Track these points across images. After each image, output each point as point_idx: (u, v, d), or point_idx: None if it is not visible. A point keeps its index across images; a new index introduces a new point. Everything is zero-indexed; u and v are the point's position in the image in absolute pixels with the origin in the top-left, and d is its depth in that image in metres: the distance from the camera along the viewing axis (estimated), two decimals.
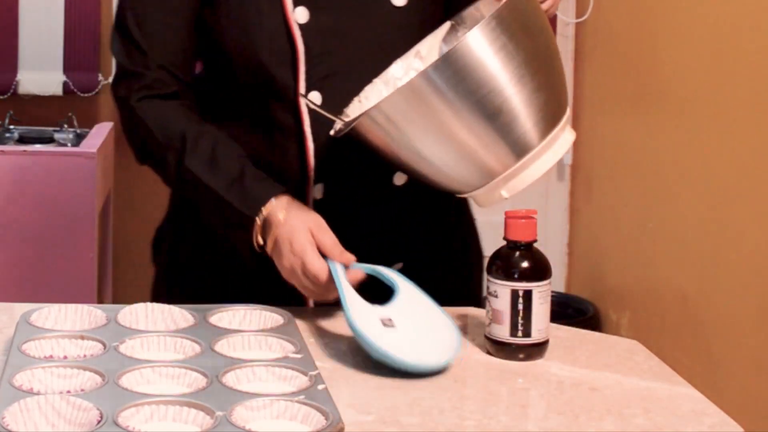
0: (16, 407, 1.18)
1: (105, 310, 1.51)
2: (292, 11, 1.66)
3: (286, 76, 1.67)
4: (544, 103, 1.47)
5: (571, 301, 3.55)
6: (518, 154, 1.48)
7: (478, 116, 1.44)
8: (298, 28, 1.66)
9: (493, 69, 1.43)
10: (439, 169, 1.50)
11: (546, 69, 1.50)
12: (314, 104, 1.61)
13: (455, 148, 1.47)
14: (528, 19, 1.49)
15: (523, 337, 1.49)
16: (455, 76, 1.42)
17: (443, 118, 1.44)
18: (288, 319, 1.52)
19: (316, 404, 1.22)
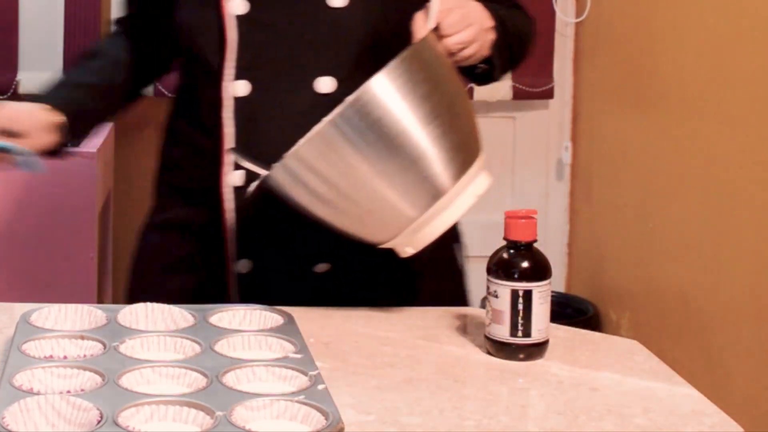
0: (16, 407, 1.18)
1: (105, 310, 1.51)
2: (230, 1, 1.70)
3: (216, 63, 1.72)
4: (453, 147, 1.48)
5: (570, 301, 3.55)
6: (430, 201, 1.48)
7: (387, 162, 1.44)
8: (235, 18, 1.70)
9: (399, 114, 1.43)
10: (352, 220, 1.50)
11: (453, 113, 1.50)
12: (246, 160, 1.64)
13: (366, 195, 1.46)
14: (432, 64, 1.50)
15: (523, 337, 1.49)
16: (361, 122, 1.43)
17: (350, 166, 1.44)
18: (288, 319, 1.52)
19: (316, 404, 1.22)
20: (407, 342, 1.56)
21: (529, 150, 3.78)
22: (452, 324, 1.64)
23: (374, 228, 1.51)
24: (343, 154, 1.43)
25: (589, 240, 3.65)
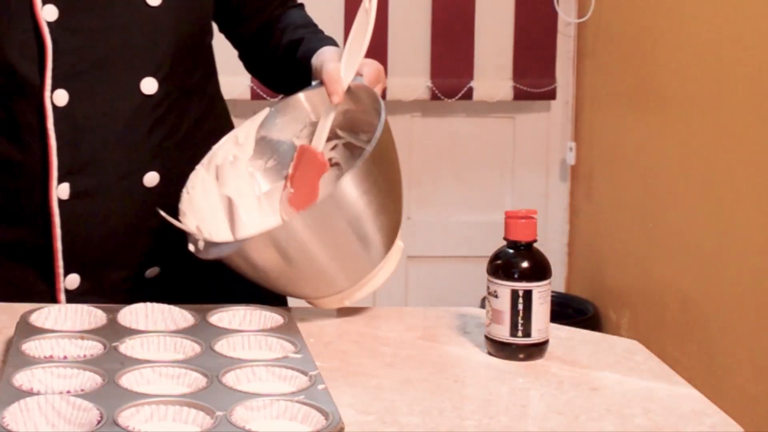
0: (15, 407, 1.18)
1: (105, 310, 1.51)
2: (41, 9, 1.64)
3: (31, 74, 1.65)
4: (392, 230, 1.58)
5: (571, 301, 3.55)
6: (365, 275, 1.58)
7: (337, 251, 1.53)
8: (47, 25, 1.65)
9: (356, 214, 1.51)
10: (292, 285, 1.58)
11: (396, 194, 1.60)
12: (171, 219, 1.60)
13: (312, 273, 1.54)
14: (388, 156, 1.58)
15: (523, 337, 1.49)
16: (323, 222, 1.50)
17: (305, 253, 1.51)
18: (288, 319, 1.52)
19: (316, 404, 1.22)
20: (407, 342, 1.56)
21: (530, 150, 3.78)
22: (452, 324, 1.64)
23: (309, 292, 1.60)
24: (300, 243, 1.50)
25: (590, 240, 3.65)
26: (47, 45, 1.64)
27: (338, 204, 1.50)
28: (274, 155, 1.73)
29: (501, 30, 3.67)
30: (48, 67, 1.64)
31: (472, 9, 3.64)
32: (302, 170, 1.69)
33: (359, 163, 1.49)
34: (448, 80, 3.63)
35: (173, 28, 1.72)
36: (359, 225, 1.52)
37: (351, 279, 1.58)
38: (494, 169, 3.78)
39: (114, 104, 1.69)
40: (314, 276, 1.55)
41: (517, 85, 3.65)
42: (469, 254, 3.69)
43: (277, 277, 1.55)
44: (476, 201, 3.76)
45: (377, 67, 1.68)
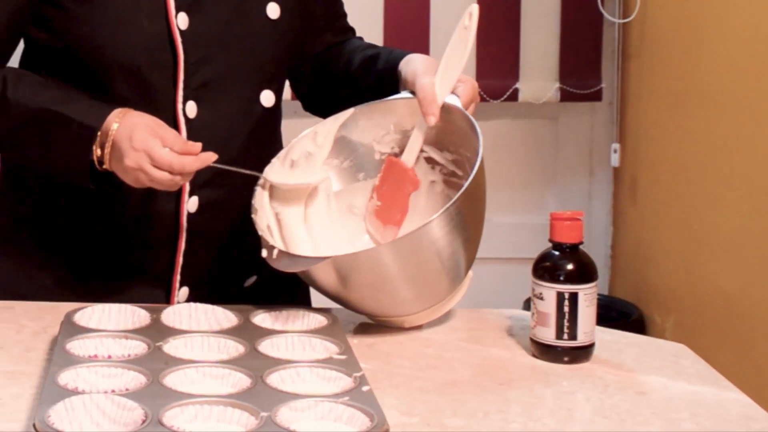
0: (61, 406, 1.18)
1: (148, 309, 1.51)
2: (174, 16, 1.63)
3: (163, 83, 1.64)
4: (471, 257, 1.60)
5: (614, 303, 3.52)
6: (434, 302, 1.58)
7: (418, 280, 1.53)
8: (180, 34, 1.63)
9: (445, 242, 1.51)
10: (361, 305, 1.57)
11: (480, 227, 1.61)
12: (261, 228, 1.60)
13: (389, 295, 1.54)
14: (481, 190, 1.59)
15: (568, 340, 1.47)
16: (411, 248, 1.49)
17: (387, 276, 1.51)
18: (332, 320, 1.51)
19: (360, 406, 1.21)
20: (451, 344, 1.55)
21: (574, 152, 3.76)
22: (496, 326, 1.63)
23: (377, 311, 1.59)
24: (384, 269, 1.50)
25: (633, 242, 3.62)
26: (179, 54, 1.63)
27: (429, 237, 1.49)
28: (351, 156, 1.71)
29: (546, 31, 3.65)
30: (180, 78, 1.63)
31: (517, 10, 3.62)
32: (390, 184, 1.67)
33: (455, 201, 1.49)
34: (494, 81, 3.62)
35: (289, 41, 1.74)
36: (444, 257, 1.52)
37: (423, 305, 1.57)
38: (538, 170, 3.76)
39: (238, 116, 1.70)
40: (388, 299, 1.54)
41: (562, 86, 3.63)
42: (511, 256, 3.67)
43: (350, 296, 1.54)
44: (519, 202, 3.74)
45: (473, 86, 1.66)
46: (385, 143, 1.70)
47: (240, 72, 1.69)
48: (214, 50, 1.66)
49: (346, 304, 1.57)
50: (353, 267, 1.49)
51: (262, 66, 1.71)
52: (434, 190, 1.68)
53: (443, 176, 1.68)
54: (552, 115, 3.73)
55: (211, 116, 1.66)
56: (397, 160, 1.67)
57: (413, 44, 3.53)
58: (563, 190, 3.75)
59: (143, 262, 1.70)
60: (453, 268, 1.55)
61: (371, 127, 1.70)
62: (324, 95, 1.86)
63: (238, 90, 1.69)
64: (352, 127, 1.70)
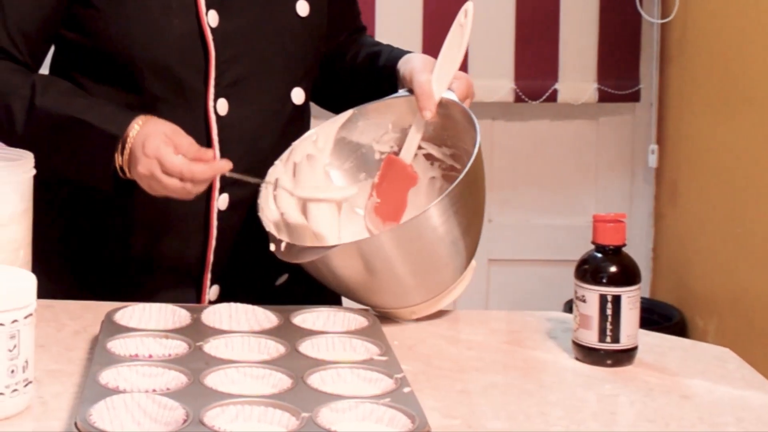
0: (102, 405, 1.18)
1: (189, 309, 1.51)
2: (205, 14, 1.64)
3: (194, 81, 1.65)
4: (472, 246, 1.61)
5: (656, 306, 3.50)
6: (438, 291, 1.60)
7: (420, 268, 1.55)
8: (211, 31, 1.64)
9: (445, 230, 1.53)
10: (367, 298, 1.60)
11: (480, 216, 1.62)
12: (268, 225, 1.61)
13: (392, 284, 1.56)
14: (479, 179, 1.60)
15: (611, 343, 1.46)
16: (411, 235, 1.52)
17: (390, 264, 1.53)
18: (372, 321, 1.50)
19: (402, 407, 1.20)
20: (492, 346, 1.54)
21: (613, 153, 3.74)
22: (537, 328, 1.61)
23: (383, 303, 1.60)
24: (386, 257, 1.52)
25: (675, 244, 3.60)
26: (211, 51, 1.64)
27: (429, 224, 1.51)
28: (352, 157, 1.73)
29: (585, 32, 3.63)
30: (211, 76, 1.64)
31: (556, 10, 3.61)
32: (389, 181, 1.69)
33: (454, 188, 1.51)
34: (532, 82, 3.60)
35: (318, 39, 1.75)
36: (444, 245, 1.54)
37: (426, 295, 1.59)
38: (577, 172, 3.74)
39: (269, 114, 1.70)
40: (392, 289, 1.56)
41: (601, 87, 3.61)
42: (550, 258, 3.66)
43: (355, 286, 1.56)
44: (559, 204, 3.72)
45: (467, 82, 1.68)
46: (384, 143, 1.72)
47: (271, 69, 1.70)
48: (244, 48, 1.67)
49: (354, 295, 1.59)
50: (357, 256, 1.51)
51: (293, 64, 1.72)
52: (434, 186, 1.70)
53: (442, 171, 1.71)
54: (591, 115, 3.71)
55: (242, 114, 1.67)
56: (395, 158, 1.69)
57: None
58: (603, 192, 3.73)
59: (174, 261, 1.70)
60: (455, 256, 1.57)
61: (370, 128, 1.72)
62: (331, 89, 1.88)
63: (269, 87, 1.70)
64: (351, 128, 1.72)
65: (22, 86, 1.62)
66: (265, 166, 1.68)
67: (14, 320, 1.23)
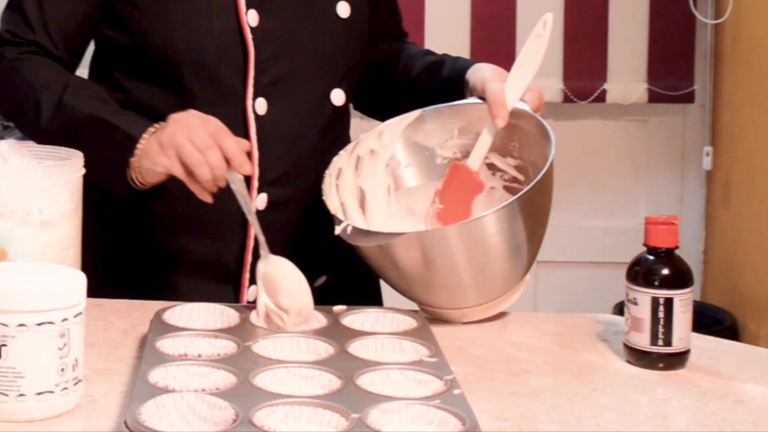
0: (152, 404, 1.17)
1: (237, 309, 1.51)
2: (245, 13, 1.64)
3: (234, 80, 1.65)
4: (532, 256, 1.61)
5: (707, 310, 3.46)
6: (494, 296, 1.59)
7: (480, 269, 1.55)
8: (250, 31, 1.64)
9: (511, 233, 1.53)
10: (422, 293, 1.58)
11: (544, 227, 1.61)
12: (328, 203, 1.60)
13: (449, 283, 1.55)
14: (549, 187, 1.59)
15: (663, 346, 1.44)
16: (477, 234, 1.52)
17: (452, 260, 1.52)
18: (422, 322, 1.49)
19: (452, 409, 1.19)
20: (543, 348, 1.53)
21: (664, 155, 3.71)
22: (588, 331, 1.60)
23: (437, 301, 1.59)
24: (449, 252, 1.52)
25: (727, 247, 3.56)
26: (250, 51, 1.64)
27: (496, 225, 1.51)
28: (413, 158, 1.73)
29: (635, 31, 3.60)
30: (250, 75, 1.64)
31: (605, 9, 3.58)
32: (454, 188, 1.69)
33: (526, 191, 1.50)
34: (581, 82, 3.58)
35: (359, 40, 1.75)
36: (507, 249, 1.54)
37: (480, 298, 1.58)
38: (627, 173, 3.71)
39: (308, 114, 1.70)
40: (448, 286, 1.55)
41: (651, 87, 3.58)
42: (599, 260, 3.63)
43: (412, 279, 1.55)
44: (608, 206, 3.70)
45: (539, 94, 1.67)
46: (448, 148, 1.72)
47: (310, 70, 1.69)
48: (284, 48, 1.67)
49: (408, 288, 1.58)
50: (420, 247, 1.51)
51: (333, 64, 1.72)
52: (493, 197, 1.69)
53: (503, 182, 1.70)
54: (641, 116, 3.68)
55: (281, 114, 1.67)
56: (462, 164, 1.68)
57: (499, 46, 3.51)
58: (654, 194, 3.70)
59: (212, 261, 1.70)
60: (515, 262, 1.57)
61: (436, 131, 1.72)
62: (378, 98, 1.87)
63: (309, 88, 1.70)
64: (417, 129, 1.72)
65: (55, 83, 1.63)
66: (303, 167, 1.68)
67: (64, 319, 1.23)
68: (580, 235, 3.70)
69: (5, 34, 1.69)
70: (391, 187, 1.72)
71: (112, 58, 1.72)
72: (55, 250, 1.49)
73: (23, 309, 1.21)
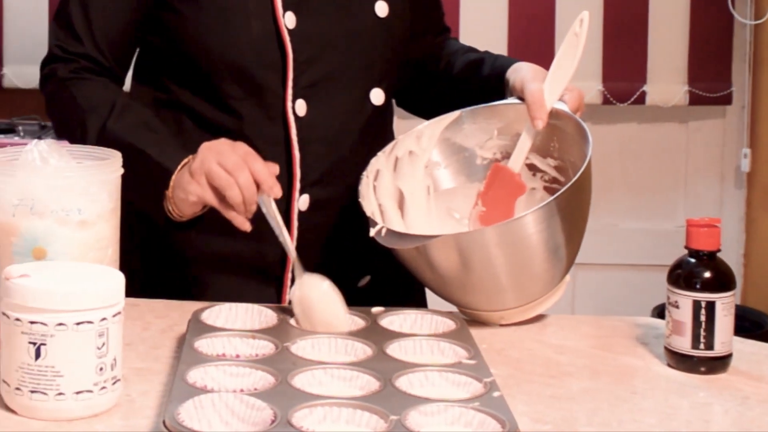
0: (190, 404, 1.17)
1: (275, 309, 1.50)
2: (282, 15, 1.63)
3: (272, 82, 1.65)
4: (571, 258, 1.59)
5: (747, 313, 3.43)
6: (533, 298, 1.58)
7: (518, 270, 1.54)
8: (288, 33, 1.63)
9: (548, 235, 1.51)
10: (460, 295, 1.58)
11: (583, 228, 1.60)
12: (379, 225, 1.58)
13: (488, 285, 1.54)
14: (588, 188, 1.58)
15: (705, 350, 1.43)
16: (515, 236, 1.51)
17: (490, 262, 1.52)
18: (460, 324, 1.48)
19: (491, 411, 1.18)
20: (583, 351, 1.51)
21: (703, 157, 3.68)
22: (628, 334, 1.58)
23: (475, 303, 1.58)
24: (487, 254, 1.51)
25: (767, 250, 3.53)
26: (288, 53, 1.64)
27: (533, 226, 1.50)
28: (453, 159, 1.72)
29: (675, 32, 3.58)
30: (289, 77, 1.64)
31: (645, 10, 3.56)
32: (496, 189, 1.68)
33: (563, 192, 1.50)
34: (620, 84, 3.56)
35: (399, 39, 1.74)
36: (546, 250, 1.53)
37: (519, 300, 1.57)
38: (666, 175, 3.69)
39: (348, 114, 1.70)
40: (486, 288, 1.54)
41: (691, 89, 3.56)
42: (638, 262, 3.61)
43: (450, 281, 1.54)
44: (647, 208, 3.67)
45: (579, 94, 1.66)
46: (488, 149, 1.71)
47: (349, 70, 1.69)
48: (322, 49, 1.67)
49: (446, 291, 1.57)
50: (457, 249, 1.50)
51: (372, 64, 1.72)
52: (534, 197, 1.68)
53: (544, 183, 1.69)
54: (681, 118, 3.66)
55: (321, 115, 1.67)
56: (503, 166, 1.67)
57: (538, 46, 3.49)
58: (692, 196, 3.67)
59: (254, 261, 1.70)
60: (554, 263, 1.56)
61: (475, 132, 1.71)
62: (421, 97, 1.87)
63: (348, 88, 1.69)
64: (456, 130, 1.71)
65: (101, 106, 1.65)
66: (345, 167, 1.68)
67: (103, 318, 1.23)
68: (618, 238, 3.67)
69: (55, 49, 1.71)
70: (430, 188, 1.71)
71: (154, 61, 1.74)
72: (94, 249, 1.49)
73: (62, 308, 1.21)
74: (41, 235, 1.42)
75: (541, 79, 1.64)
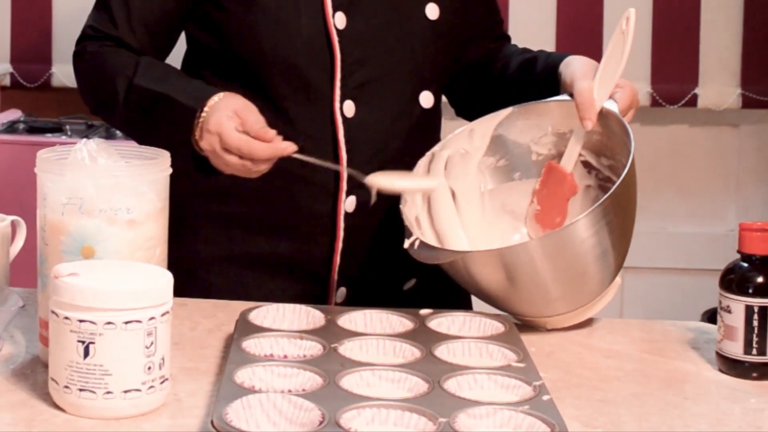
0: (238, 404, 1.17)
1: (323, 310, 1.50)
2: (332, 16, 1.63)
3: (322, 82, 1.64)
4: (619, 260, 1.57)
5: None
6: (579, 305, 1.57)
7: (565, 279, 1.52)
8: (337, 33, 1.63)
9: (595, 241, 1.49)
10: (507, 304, 1.56)
11: (629, 231, 1.58)
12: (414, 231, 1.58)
13: (534, 294, 1.53)
14: (632, 192, 1.56)
15: (757, 356, 1.41)
16: (560, 245, 1.49)
17: (535, 275, 1.50)
18: (509, 327, 1.47)
19: (541, 415, 1.17)
20: (633, 355, 1.50)
21: (756, 161, 3.64)
22: (679, 338, 1.57)
23: (523, 311, 1.57)
24: (531, 267, 1.49)
25: None
26: (336, 53, 1.64)
27: (578, 235, 1.48)
28: (507, 155, 1.71)
29: (728, 33, 3.53)
30: (337, 77, 1.65)
31: (696, 10, 3.51)
32: (550, 188, 1.67)
33: (606, 198, 1.48)
34: (671, 86, 3.52)
35: (448, 43, 1.74)
36: (593, 257, 1.51)
37: (568, 307, 1.56)
38: (717, 179, 3.65)
39: (396, 116, 1.70)
40: (533, 299, 1.53)
41: (745, 92, 3.51)
42: (688, 266, 3.58)
43: (495, 293, 1.54)
44: (697, 212, 3.64)
45: (632, 91, 1.63)
46: (543, 145, 1.69)
47: (399, 72, 1.69)
48: (371, 50, 1.66)
49: (490, 300, 1.56)
50: (499, 263, 1.49)
51: (421, 67, 1.71)
52: (589, 195, 1.67)
53: (599, 181, 1.67)
54: (733, 121, 3.62)
55: (369, 116, 1.66)
56: (556, 165, 1.66)
57: (586, 44, 3.47)
58: (744, 200, 3.63)
59: (301, 262, 1.70)
60: (603, 269, 1.54)
61: (529, 128, 1.69)
62: (479, 100, 1.85)
63: (397, 90, 1.69)
64: (509, 126, 1.70)
65: (127, 66, 1.66)
66: (392, 169, 1.67)
67: (151, 317, 1.23)
68: (668, 242, 3.64)
69: (87, 30, 1.73)
70: (483, 186, 1.70)
71: (203, 60, 1.74)
72: (142, 248, 1.49)
73: (111, 307, 1.21)
74: (90, 234, 1.42)
75: (591, 75, 1.62)
